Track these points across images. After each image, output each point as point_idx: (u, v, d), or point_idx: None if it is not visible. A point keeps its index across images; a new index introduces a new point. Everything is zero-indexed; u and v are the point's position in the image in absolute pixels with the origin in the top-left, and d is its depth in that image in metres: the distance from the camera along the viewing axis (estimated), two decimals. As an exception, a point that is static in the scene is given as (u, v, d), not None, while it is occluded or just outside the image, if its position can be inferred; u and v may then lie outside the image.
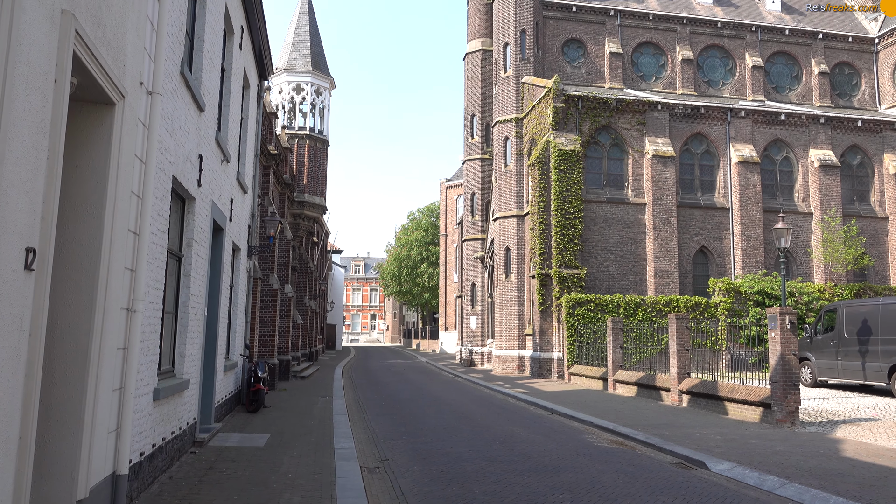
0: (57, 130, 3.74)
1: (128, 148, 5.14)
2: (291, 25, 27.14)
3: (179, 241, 8.17)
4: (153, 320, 6.52)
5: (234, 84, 11.41)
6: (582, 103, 25.68)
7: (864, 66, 32.79)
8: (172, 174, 7.03)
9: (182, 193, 7.89)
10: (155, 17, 5.92)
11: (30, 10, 3.31)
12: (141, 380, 6.10)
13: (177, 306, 8.11)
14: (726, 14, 31.99)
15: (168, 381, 7.42)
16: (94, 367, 4.65)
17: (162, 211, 6.65)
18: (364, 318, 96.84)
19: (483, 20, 33.59)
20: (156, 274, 6.50)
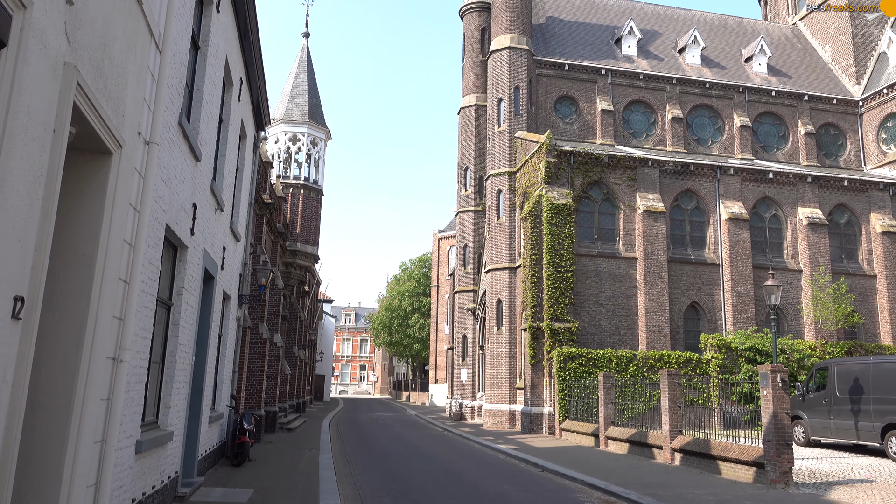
0: (53, 180, 3.75)
1: (122, 197, 5.15)
2: (290, 77, 27.64)
3: (170, 289, 8.12)
4: (139, 370, 6.43)
5: (231, 134, 11.54)
6: (574, 158, 26.06)
7: (849, 127, 33.58)
8: (166, 222, 7.03)
9: (175, 242, 7.88)
10: (156, 69, 6.02)
11: (33, 62, 3.36)
12: (124, 432, 5.97)
13: (164, 356, 8.01)
14: (714, 75, 32.84)
15: (151, 433, 7.27)
16: (76, 418, 4.56)
17: (154, 259, 6.63)
18: (353, 369, 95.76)
19: (478, 76, 34.34)
20: (144, 323, 6.44)
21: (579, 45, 32.64)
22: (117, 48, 4.85)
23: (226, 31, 10.17)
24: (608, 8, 36.21)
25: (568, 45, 32.35)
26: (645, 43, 33.68)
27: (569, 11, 34.86)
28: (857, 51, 34.91)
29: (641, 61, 32.58)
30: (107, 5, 4.54)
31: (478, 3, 34.70)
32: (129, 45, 5.19)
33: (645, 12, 36.69)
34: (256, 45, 12.61)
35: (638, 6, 37.17)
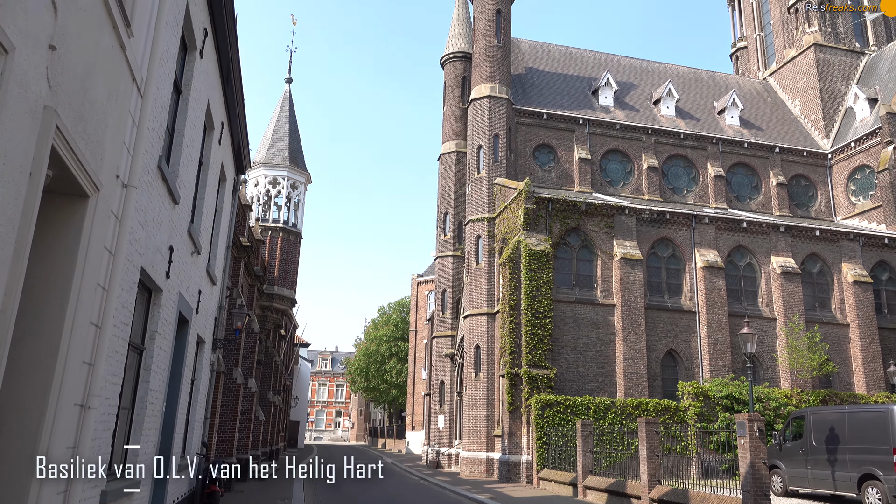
0: (27, 223, 3.71)
1: (98, 240, 5.10)
2: (272, 121, 27.83)
3: (143, 333, 7.98)
4: (107, 417, 6.26)
5: (210, 177, 11.53)
6: (552, 205, 26.37)
7: (820, 179, 34.48)
8: (141, 265, 6.95)
9: (149, 285, 7.78)
10: (137, 113, 6.03)
11: (13, 105, 3.35)
12: (89, 482, 5.77)
13: (133, 401, 7.81)
14: (688, 126, 33.69)
15: (117, 483, 7.03)
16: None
17: (127, 303, 6.53)
18: (329, 415, 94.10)
19: (458, 123, 34.85)
20: (115, 368, 6.30)
21: (557, 95, 33.38)
22: (99, 92, 4.86)
23: (208, 75, 10.26)
24: (585, 60, 37.19)
25: (546, 95, 33.07)
26: (621, 94, 34.54)
27: (547, 63, 35.74)
28: (825, 105, 36.10)
29: (618, 112, 33.35)
30: (89, 50, 4.57)
31: (459, 53, 35.45)
32: (111, 90, 5.21)
33: (621, 65, 37.73)
34: (239, 89, 12.72)
35: (614, 59, 38.23)
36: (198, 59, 9.10)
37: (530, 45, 36.75)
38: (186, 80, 8.79)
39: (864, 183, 33.14)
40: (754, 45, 42.69)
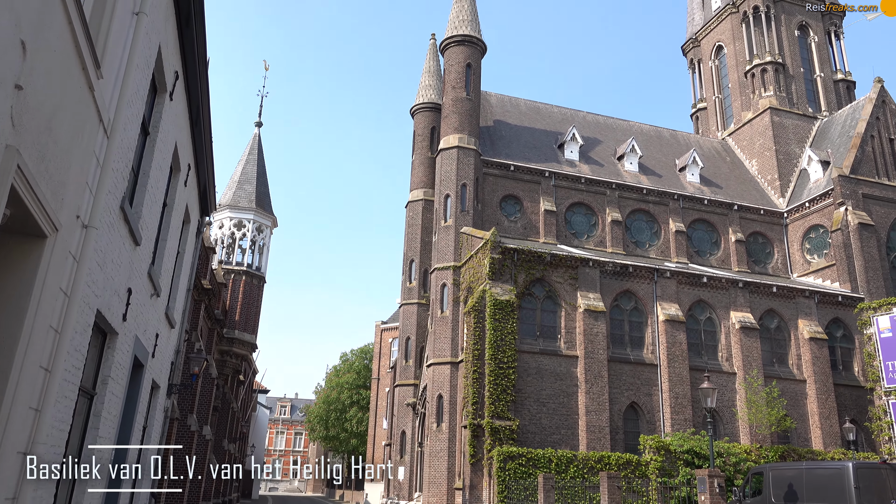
0: (-21, 263, 3.60)
1: (53, 281, 4.97)
2: (240, 164, 27.78)
3: (94, 377, 7.72)
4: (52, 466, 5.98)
5: (174, 219, 11.38)
6: (518, 256, 26.58)
7: (776, 237, 35.52)
8: (97, 308, 6.77)
9: (105, 328, 7.57)
10: (102, 154, 5.97)
11: (-28, 143, 3.29)
12: (28, 535, 5.47)
13: (81, 449, 7.50)
14: (651, 182, 34.56)
15: (59, 536, 6.68)
16: (-25, 521, 4.17)
17: (80, 346, 6.33)
18: (286, 464, 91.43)
19: (426, 172, 35.19)
20: (63, 414, 6.06)
21: (525, 147, 34.05)
22: (64, 132, 4.81)
23: (177, 117, 10.24)
24: (552, 115, 38.13)
25: (514, 147, 33.70)
26: (586, 149, 35.38)
27: (515, 116, 36.53)
28: (781, 166, 37.45)
29: (583, 166, 34.11)
30: (56, 91, 4.54)
31: (429, 104, 36.06)
32: (77, 130, 5.16)
33: (586, 120, 38.75)
34: (207, 132, 12.70)
35: (580, 114, 39.27)
36: (167, 101, 9.08)
37: (499, 98, 37.60)
38: (155, 122, 8.75)
39: (819, 242, 34.22)
40: (713, 106, 44.33)
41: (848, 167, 33.57)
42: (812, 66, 41.64)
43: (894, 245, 33.30)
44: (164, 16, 8.37)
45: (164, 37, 8.34)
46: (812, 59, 41.77)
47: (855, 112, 36.92)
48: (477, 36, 33.00)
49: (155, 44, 7.88)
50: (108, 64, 5.74)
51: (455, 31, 32.91)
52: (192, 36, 9.72)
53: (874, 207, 33.24)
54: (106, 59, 5.60)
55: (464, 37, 32.67)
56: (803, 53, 41.77)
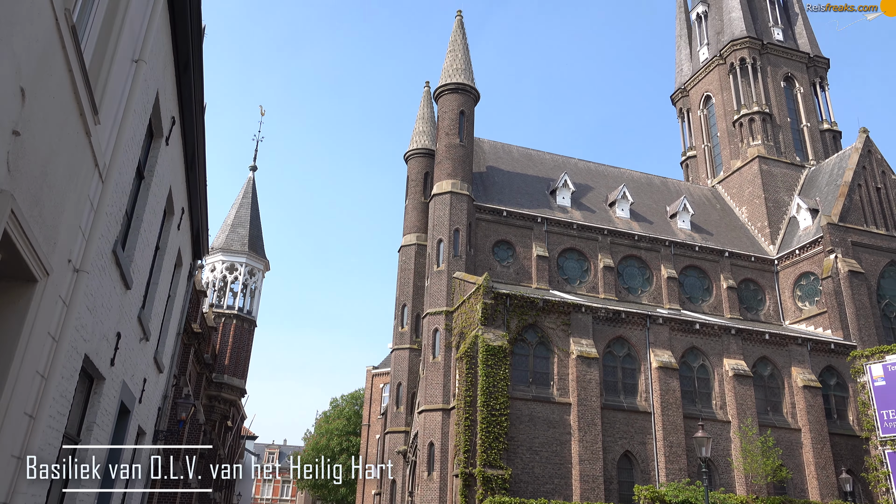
0: (-33, 308, 3.56)
1: (42, 326, 4.91)
2: (234, 207, 27.85)
3: (80, 423, 7.57)
4: (33, 517, 5.81)
5: (166, 262, 11.35)
6: (510, 301, 26.54)
7: (767, 284, 35.66)
8: (85, 352, 6.69)
9: (92, 373, 7.46)
10: (96, 198, 5.98)
11: (-34, 188, 3.29)
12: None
13: (61, 499, 7.30)
14: (642, 229, 34.81)
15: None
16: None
17: (66, 392, 6.22)
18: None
19: (419, 217, 35.37)
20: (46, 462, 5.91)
21: (517, 193, 34.34)
22: (59, 177, 4.82)
23: (173, 161, 10.30)
24: (544, 161, 38.59)
25: (506, 193, 33.98)
26: (578, 195, 35.71)
27: (508, 162, 36.95)
28: (770, 214, 37.85)
29: (575, 212, 34.37)
30: (53, 136, 4.57)
31: (422, 150, 36.48)
32: (72, 174, 5.18)
33: (578, 167, 39.22)
34: (202, 176, 12.77)
35: (571, 161, 39.76)
36: (163, 145, 9.15)
37: (492, 145, 38.08)
38: (150, 166, 8.80)
39: (810, 289, 34.36)
40: (703, 154, 45.00)
41: (837, 215, 33.96)
42: (798, 115, 42.50)
43: (885, 293, 33.47)
44: (163, 63, 8.50)
45: (162, 83, 8.46)
46: (798, 110, 42.65)
47: (842, 161, 37.54)
48: (470, 84, 33.60)
49: (153, 90, 7.98)
50: (106, 109, 5.80)
51: (449, 79, 33.51)
52: (190, 82, 9.86)
53: (864, 255, 33.52)
54: (104, 105, 5.66)
55: (457, 85, 33.26)
56: (790, 104, 42.67)
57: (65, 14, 4.33)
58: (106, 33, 5.87)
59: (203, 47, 9.90)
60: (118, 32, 5.94)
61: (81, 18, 5.43)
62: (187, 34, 8.93)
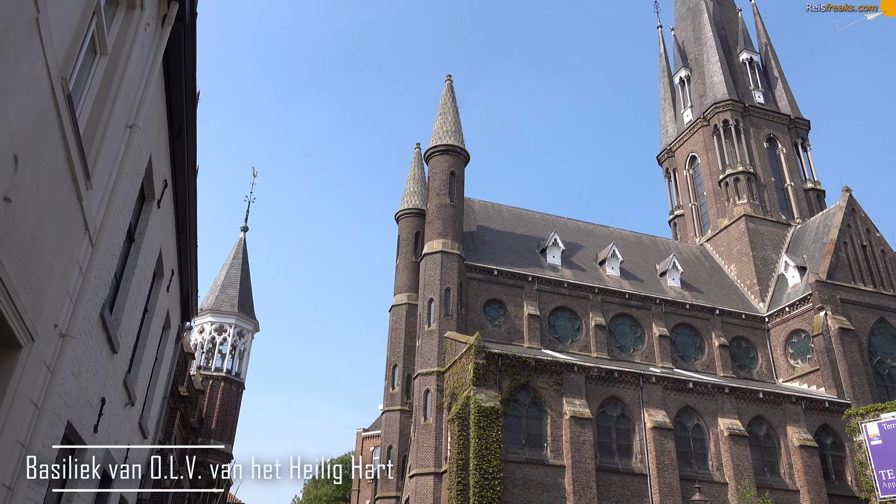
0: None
1: (24, 393, 4.81)
2: (224, 268, 27.79)
3: (59, 494, 7.32)
4: None
5: (154, 325, 11.23)
6: (502, 361, 26.30)
7: (759, 342, 35.59)
8: (68, 419, 6.54)
9: (74, 439, 7.27)
10: (85, 262, 5.95)
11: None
12: None
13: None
14: (633, 287, 34.90)
15: None
16: None
17: (46, 461, 6.04)
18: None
19: (410, 276, 35.36)
20: (22, 536, 5.69)
21: (507, 252, 34.50)
22: (48, 242, 4.81)
23: (164, 224, 10.32)
24: (534, 221, 38.94)
25: (497, 252, 34.13)
26: (568, 254, 35.91)
27: (498, 222, 37.26)
28: (759, 272, 38.11)
29: (565, 271, 34.48)
30: (45, 201, 4.58)
31: (413, 209, 36.78)
32: (62, 239, 5.17)
33: (567, 226, 39.57)
34: (193, 237, 12.78)
35: (561, 221, 40.14)
36: (155, 208, 9.19)
37: (482, 204, 38.46)
38: (141, 229, 8.81)
39: (801, 347, 34.30)
40: (690, 213, 45.58)
41: (824, 273, 34.22)
42: (782, 175, 43.32)
43: (876, 350, 33.44)
44: (157, 127, 8.62)
45: (155, 147, 8.55)
46: (782, 169, 43.51)
47: (826, 220, 38.08)
48: (460, 146, 34.17)
49: (146, 154, 8.06)
50: (99, 174, 5.84)
51: (439, 140, 34.09)
52: (183, 145, 9.98)
53: (853, 312, 33.63)
54: (97, 170, 5.70)
55: (447, 146, 33.81)
56: (773, 164, 43.55)
57: (61, 83, 4.40)
58: (101, 99, 5.97)
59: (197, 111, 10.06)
60: (114, 98, 6.04)
61: (78, 85, 5.52)
62: (182, 99, 9.08)
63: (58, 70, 4.36)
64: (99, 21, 5.56)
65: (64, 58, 4.53)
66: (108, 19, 6.08)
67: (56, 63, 4.29)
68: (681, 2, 53.46)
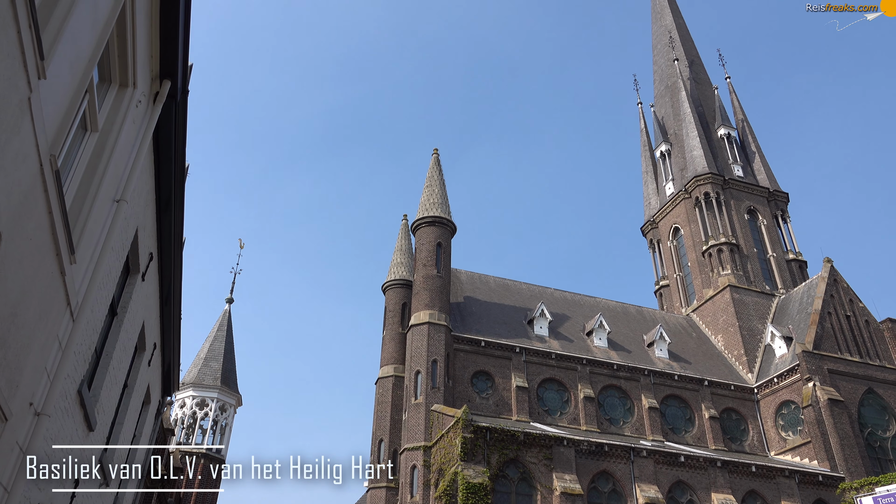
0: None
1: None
2: (208, 340, 27.42)
3: (25, 583, 6.94)
4: None
5: (133, 400, 10.96)
6: (490, 435, 25.77)
7: (749, 413, 35.21)
8: (39, 502, 6.26)
9: (44, 524, 6.94)
10: (65, 338, 5.85)
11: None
12: None
13: None
14: (621, 358, 34.69)
15: None
16: None
17: (13, 548, 5.75)
18: None
19: (397, 348, 35.00)
20: None
21: (495, 323, 34.34)
22: (28, 317, 4.73)
23: (147, 297, 10.22)
24: (521, 291, 38.99)
25: (484, 323, 33.97)
26: (555, 325, 35.80)
27: (485, 293, 37.26)
28: (746, 342, 38.09)
29: (553, 341, 34.29)
30: (27, 277, 4.53)
31: (400, 280, 36.76)
32: (42, 314, 5.09)
33: (554, 297, 39.62)
34: (177, 310, 12.65)
35: (548, 291, 40.22)
36: (139, 281, 9.12)
37: (469, 275, 38.54)
38: (124, 303, 8.71)
39: (792, 418, 33.97)
40: (675, 284, 45.90)
41: (811, 343, 34.26)
42: (764, 246, 43.97)
43: (866, 421, 33.16)
44: (145, 201, 8.65)
45: (142, 221, 8.56)
46: (764, 240, 44.20)
47: (810, 290, 38.43)
48: (447, 217, 34.52)
49: (133, 227, 8.06)
50: (84, 249, 5.82)
51: (426, 212, 34.44)
52: (171, 218, 10.00)
53: (841, 383, 33.50)
54: (81, 244, 5.68)
55: (434, 218, 34.14)
56: (755, 235, 44.27)
57: (50, 160, 4.43)
58: (90, 174, 6.01)
59: (185, 185, 10.14)
60: (102, 173, 6.08)
61: (67, 160, 5.57)
62: (170, 173, 9.16)
63: (47, 147, 4.40)
64: (91, 99, 5.66)
65: (54, 135, 4.58)
66: (100, 97, 6.19)
67: (46, 140, 4.33)
68: (659, 80, 55.49)
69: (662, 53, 56.00)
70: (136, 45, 6.34)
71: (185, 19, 7.37)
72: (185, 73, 8.10)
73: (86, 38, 4.90)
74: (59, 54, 4.26)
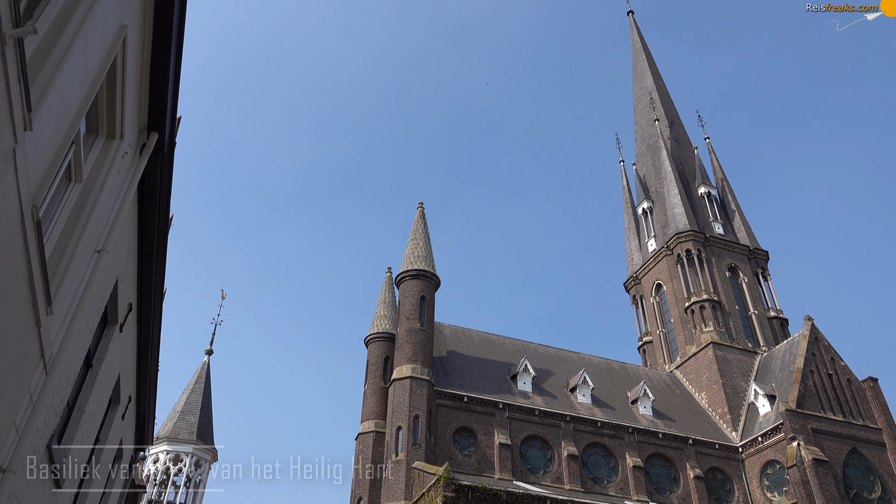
0: None
1: (-48, 537, 4.42)
2: (185, 393, 26.84)
3: None
4: None
5: (105, 455, 10.63)
6: (472, 494, 25.16)
7: (734, 473, 34.79)
8: (-2, 565, 5.98)
9: (3, 589, 6.62)
10: (37, 391, 5.69)
11: None
12: None
13: None
14: (604, 415, 34.34)
15: None
16: None
17: None
18: None
19: (378, 402, 34.43)
20: None
21: (478, 378, 34.00)
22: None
23: (124, 349, 10.04)
24: (504, 346, 38.77)
25: (467, 378, 33.61)
26: (539, 380, 35.50)
27: (468, 347, 37.00)
28: (730, 400, 37.92)
29: (536, 398, 33.94)
30: (1, 327, 4.44)
31: (383, 334, 36.43)
32: (14, 367, 4.96)
33: (538, 352, 39.41)
34: (154, 363, 12.41)
35: (531, 346, 40.03)
36: (116, 332, 8.97)
37: (452, 329, 38.32)
38: (100, 354, 8.54)
39: (777, 478, 33.58)
40: (658, 340, 45.90)
41: (794, 401, 34.17)
42: (746, 303, 44.27)
43: (851, 482, 32.84)
44: (127, 251, 8.58)
45: (122, 271, 8.47)
46: (745, 297, 44.53)
47: (791, 348, 38.56)
48: (431, 271, 34.51)
49: (112, 278, 7.97)
50: (61, 299, 5.72)
51: (410, 265, 34.44)
52: (152, 269, 9.91)
53: (825, 443, 33.31)
54: (59, 295, 5.59)
55: (418, 271, 34.12)
56: (736, 292, 44.62)
57: (31, 210, 4.40)
58: (72, 224, 5.96)
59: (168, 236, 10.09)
60: (84, 224, 6.03)
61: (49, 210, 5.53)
62: (154, 224, 9.13)
63: (29, 198, 4.37)
64: (77, 150, 5.66)
65: (37, 185, 4.56)
66: (86, 148, 6.20)
67: (28, 191, 4.31)
68: (641, 139, 56.77)
69: (643, 113, 57.45)
70: (125, 98, 6.39)
71: (175, 73, 7.47)
72: (173, 126, 8.16)
73: (75, 90, 4.93)
74: (46, 106, 4.28)
